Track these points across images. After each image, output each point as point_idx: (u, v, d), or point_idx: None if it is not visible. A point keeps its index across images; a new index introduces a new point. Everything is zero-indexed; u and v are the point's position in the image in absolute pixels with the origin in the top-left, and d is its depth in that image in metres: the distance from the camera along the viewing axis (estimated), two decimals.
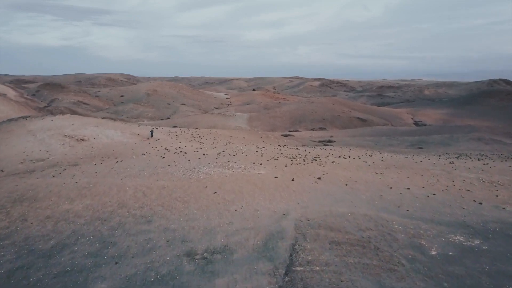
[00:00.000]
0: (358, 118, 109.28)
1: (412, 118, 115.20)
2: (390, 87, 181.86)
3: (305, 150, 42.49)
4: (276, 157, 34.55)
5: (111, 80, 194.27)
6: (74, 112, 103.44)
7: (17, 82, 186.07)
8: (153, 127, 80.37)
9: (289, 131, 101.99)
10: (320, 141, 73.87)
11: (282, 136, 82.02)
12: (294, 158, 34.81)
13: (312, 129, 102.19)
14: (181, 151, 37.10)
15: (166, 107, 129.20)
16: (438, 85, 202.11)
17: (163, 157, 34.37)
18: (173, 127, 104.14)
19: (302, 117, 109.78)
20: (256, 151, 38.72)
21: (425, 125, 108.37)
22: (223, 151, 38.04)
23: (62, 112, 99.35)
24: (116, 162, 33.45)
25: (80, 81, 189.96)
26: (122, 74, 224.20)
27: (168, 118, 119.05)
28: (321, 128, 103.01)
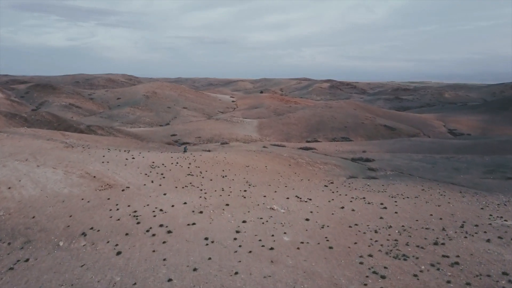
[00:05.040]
0: (385, 126, 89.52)
1: (444, 126, 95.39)
2: (405, 89, 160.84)
3: (385, 208, 22.67)
4: (367, 258, 14.90)
5: (110, 81, 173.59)
6: (59, 119, 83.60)
7: (13, 83, 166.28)
8: (186, 145, 54.49)
9: (307, 141, 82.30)
10: (354, 159, 54.38)
11: (300, 149, 62.63)
12: (402, 256, 15.19)
13: (334, 139, 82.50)
14: (161, 225, 17.53)
15: (166, 111, 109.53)
16: (451, 87, 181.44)
17: (118, 252, 14.85)
18: (172, 135, 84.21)
19: (321, 124, 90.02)
20: (306, 220, 19.01)
21: (462, 134, 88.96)
22: (244, 222, 18.39)
23: (41, 119, 79.88)
24: (11, 268, 13.95)
25: (78, 82, 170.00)
26: (123, 75, 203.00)
27: (168, 124, 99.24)
28: (343, 138, 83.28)
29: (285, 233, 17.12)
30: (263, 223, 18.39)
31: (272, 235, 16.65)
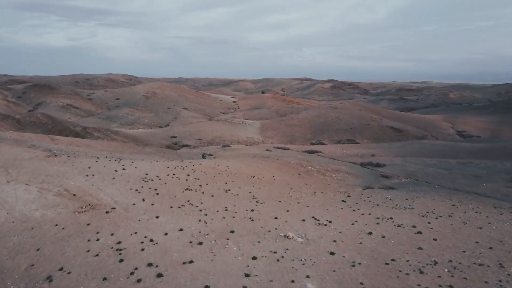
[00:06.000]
0: (391, 127, 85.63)
1: (452, 127, 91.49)
2: (409, 90, 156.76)
3: (420, 233, 18.74)
4: None
5: (110, 81, 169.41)
6: (54, 121, 79.65)
7: (11, 83, 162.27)
8: (204, 152, 48.49)
9: (312, 144, 78.39)
10: (363, 164, 50.61)
11: (306, 153, 58.78)
12: None
13: (339, 141, 78.65)
14: (150, 264, 13.60)
15: (166, 112, 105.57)
16: (453, 87, 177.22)
17: None
18: (172, 137, 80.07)
19: (325, 125, 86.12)
20: (331, 254, 15.05)
21: (472, 136, 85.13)
22: (254, 258, 14.45)
23: (35, 121, 76.05)
24: None
25: (77, 82, 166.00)
26: (123, 75, 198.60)
27: (168, 125, 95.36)
28: (349, 140, 79.43)
29: (308, 276, 13.19)
30: (278, 259, 14.46)
31: (292, 281, 12.71)
